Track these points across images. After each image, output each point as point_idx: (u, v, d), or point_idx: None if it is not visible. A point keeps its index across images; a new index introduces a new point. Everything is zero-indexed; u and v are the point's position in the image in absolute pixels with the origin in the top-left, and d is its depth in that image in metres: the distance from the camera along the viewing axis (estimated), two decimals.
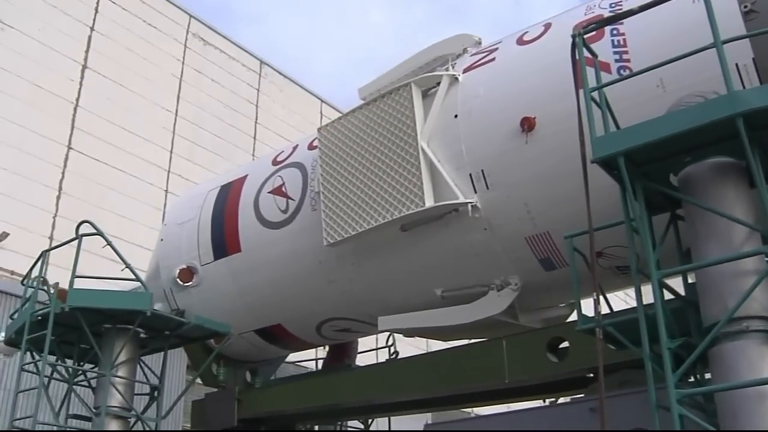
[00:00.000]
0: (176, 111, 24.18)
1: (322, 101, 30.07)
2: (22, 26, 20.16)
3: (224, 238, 9.96)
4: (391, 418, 12.07)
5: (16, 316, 10.17)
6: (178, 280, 10.09)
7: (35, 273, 9.73)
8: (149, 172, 22.50)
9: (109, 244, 9.41)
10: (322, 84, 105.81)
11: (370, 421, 12.73)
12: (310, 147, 9.64)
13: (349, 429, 12.29)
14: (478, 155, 7.90)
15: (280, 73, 28.63)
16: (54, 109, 20.51)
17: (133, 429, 9.48)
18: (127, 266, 9.40)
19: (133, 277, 9.44)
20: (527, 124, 7.54)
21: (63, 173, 20.51)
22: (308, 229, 9.13)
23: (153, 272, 10.57)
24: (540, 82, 7.66)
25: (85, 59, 21.85)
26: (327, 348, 11.52)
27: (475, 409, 14.96)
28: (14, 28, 20.04)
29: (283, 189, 9.53)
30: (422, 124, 8.19)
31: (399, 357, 9.38)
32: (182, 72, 24.73)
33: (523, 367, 8.02)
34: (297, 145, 10.04)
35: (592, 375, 8.15)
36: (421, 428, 8.13)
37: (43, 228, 19.85)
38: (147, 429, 9.51)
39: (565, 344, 7.88)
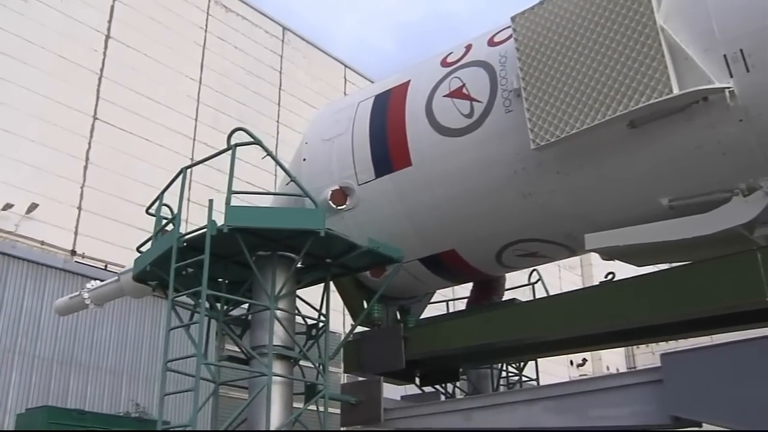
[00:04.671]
0: (200, 79, 24.19)
1: (345, 66, 29.50)
2: None
3: (388, 152, 8.64)
4: None
5: (146, 247, 8.82)
6: (330, 202, 8.74)
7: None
8: (175, 141, 22.34)
9: (269, 153, 8.09)
10: (346, 49, 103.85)
11: (522, 364, 11.57)
12: (492, 43, 8.36)
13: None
14: (735, 32, 6.67)
15: (303, 39, 28.04)
16: (79, 79, 20.27)
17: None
18: (292, 179, 8.06)
19: (300, 192, 8.07)
20: None
21: (89, 143, 20.25)
22: (501, 134, 7.88)
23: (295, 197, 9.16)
24: None
25: (108, 29, 21.49)
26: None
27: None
28: None
29: (465, 91, 8.21)
30: None
31: (615, 279, 8.07)
32: (205, 40, 24.70)
33: None
34: (470, 44, 8.71)
35: None
36: None
37: (71, 198, 19.61)
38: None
39: None
